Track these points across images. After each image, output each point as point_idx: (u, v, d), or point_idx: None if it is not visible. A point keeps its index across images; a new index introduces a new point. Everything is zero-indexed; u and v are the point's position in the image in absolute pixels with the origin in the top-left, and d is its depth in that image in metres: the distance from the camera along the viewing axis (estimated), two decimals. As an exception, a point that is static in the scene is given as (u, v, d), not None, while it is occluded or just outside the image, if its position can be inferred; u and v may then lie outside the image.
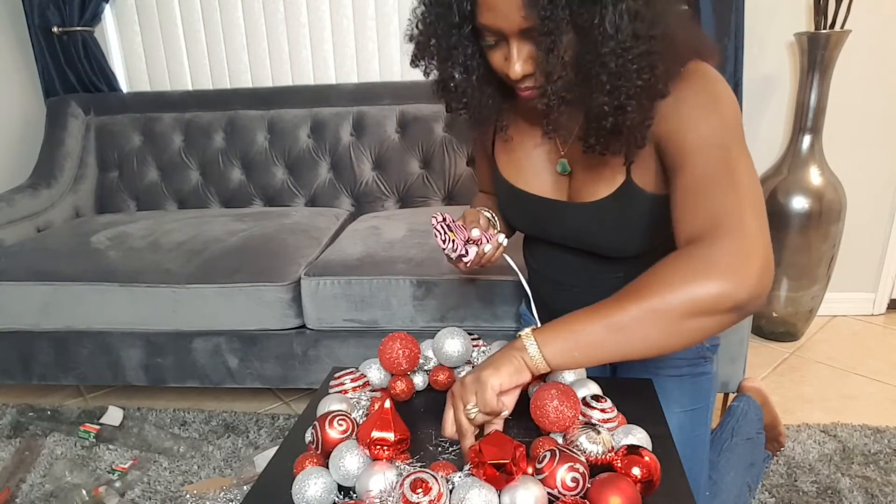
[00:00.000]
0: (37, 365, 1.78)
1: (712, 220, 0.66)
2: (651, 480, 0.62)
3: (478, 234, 0.91)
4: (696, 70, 0.76)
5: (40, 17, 2.21)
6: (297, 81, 2.32)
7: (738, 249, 0.63)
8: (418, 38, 0.83)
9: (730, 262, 0.63)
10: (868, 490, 1.38)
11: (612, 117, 0.73)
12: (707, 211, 0.68)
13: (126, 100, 2.30)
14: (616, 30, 0.68)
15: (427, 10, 0.80)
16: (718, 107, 0.73)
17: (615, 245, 0.89)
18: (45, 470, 1.56)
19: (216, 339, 1.68)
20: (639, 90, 0.71)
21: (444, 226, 0.91)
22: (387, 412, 0.65)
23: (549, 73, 0.72)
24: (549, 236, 0.96)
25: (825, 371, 1.90)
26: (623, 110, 0.72)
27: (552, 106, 0.74)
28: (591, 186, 0.86)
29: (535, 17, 0.68)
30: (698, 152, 0.72)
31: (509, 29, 0.72)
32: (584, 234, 0.90)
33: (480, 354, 0.89)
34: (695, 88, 0.75)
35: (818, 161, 1.92)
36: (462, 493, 0.58)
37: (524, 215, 0.97)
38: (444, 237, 0.90)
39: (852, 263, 2.16)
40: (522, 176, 0.94)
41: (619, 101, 0.71)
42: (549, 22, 0.68)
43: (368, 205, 2.15)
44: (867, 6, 1.87)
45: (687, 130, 0.73)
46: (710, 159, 0.71)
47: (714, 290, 0.62)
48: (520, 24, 0.70)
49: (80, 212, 2.23)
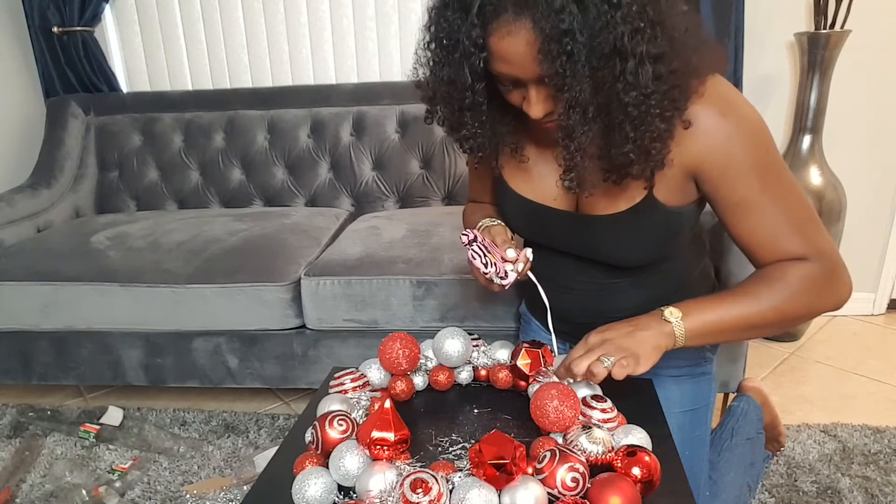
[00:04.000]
0: (37, 365, 1.78)
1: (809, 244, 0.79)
2: (651, 480, 0.62)
3: (513, 254, 0.86)
4: (717, 92, 0.75)
5: (40, 17, 2.21)
6: (297, 81, 2.32)
7: (837, 269, 0.80)
8: (430, 96, 0.80)
9: (838, 281, 0.80)
10: (868, 490, 1.38)
11: (637, 164, 0.72)
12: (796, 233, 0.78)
13: (126, 100, 2.30)
14: (637, 78, 0.66)
15: (439, 68, 0.75)
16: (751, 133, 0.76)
17: (626, 256, 0.88)
18: (45, 470, 1.56)
19: (216, 339, 1.68)
20: (663, 131, 0.70)
21: (481, 246, 0.85)
22: (387, 412, 0.65)
23: (570, 130, 0.70)
24: (554, 245, 0.95)
25: (825, 371, 1.90)
26: (648, 153, 0.71)
27: (576, 163, 0.73)
28: (607, 199, 0.84)
29: (550, 71, 0.66)
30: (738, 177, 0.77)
31: (526, 78, 0.70)
32: (595, 245, 0.89)
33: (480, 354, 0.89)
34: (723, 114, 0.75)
35: (818, 161, 1.92)
36: (462, 493, 0.58)
37: (531, 225, 0.95)
38: (484, 260, 0.84)
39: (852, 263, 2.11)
40: (530, 186, 0.92)
41: (644, 144, 0.70)
42: (569, 78, 0.65)
43: (368, 205, 2.15)
44: (867, 6, 1.87)
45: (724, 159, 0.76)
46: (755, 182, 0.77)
47: (829, 305, 0.80)
48: (537, 74, 0.68)
49: (80, 212, 2.23)
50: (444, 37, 0.71)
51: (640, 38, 0.64)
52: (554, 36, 0.63)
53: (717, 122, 0.74)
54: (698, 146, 0.75)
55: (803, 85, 1.89)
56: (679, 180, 0.79)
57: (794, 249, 0.78)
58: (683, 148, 0.75)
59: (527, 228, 0.96)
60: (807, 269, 0.78)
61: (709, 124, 0.74)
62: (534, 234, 0.96)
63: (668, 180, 0.79)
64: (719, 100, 0.75)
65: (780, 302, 0.77)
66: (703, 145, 0.75)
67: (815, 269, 0.78)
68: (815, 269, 0.78)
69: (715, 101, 0.74)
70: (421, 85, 0.81)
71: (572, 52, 0.63)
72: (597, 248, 0.89)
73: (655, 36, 0.65)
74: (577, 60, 0.64)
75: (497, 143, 0.85)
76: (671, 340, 0.76)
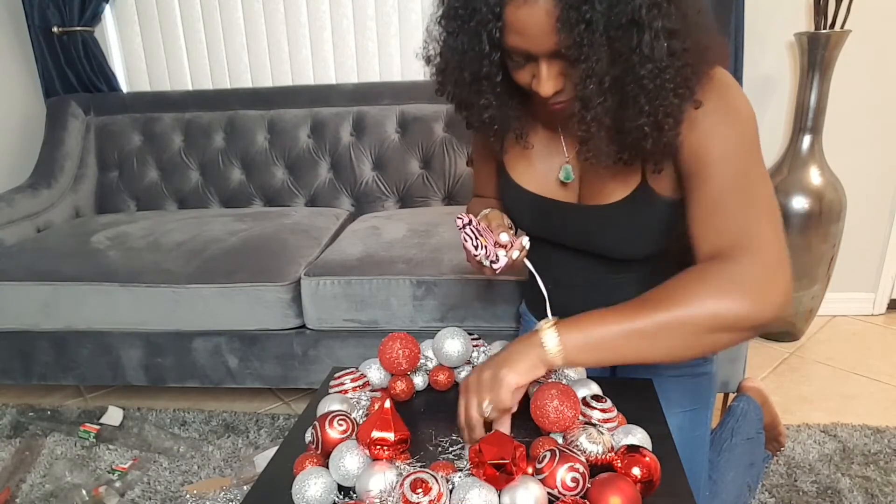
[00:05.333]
0: (37, 365, 1.78)
1: (736, 237, 0.70)
2: (651, 480, 0.62)
3: (507, 238, 0.86)
4: (718, 80, 0.75)
5: (40, 17, 2.21)
6: (297, 81, 2.32)
7: (763, 271, 0.67)
8: (442, 67, 0.80)
9: (756, 283, 0.67)
10: (868, 490, 1.38)
11: (651, 138, 0.72)
12: (729, 227, 0.71)
13: (126, 100, 2.30)
14: (652, 50, 0.66)
15: (453, 38, 0.75)
16: (738, 120, 0.74)
17: (625, 248, 0.89)
18: (45, 470, 1.56)
19: (216, 339, 1.68)
20: (676, 107, 0.71)
21: (475, 230, 0.84)
22: (387, 412, 0.65)
23: (587, 100, 0.70)
24: (555, 238, 0.95)
25: (825, 371, 1.90)
26: (661, 128, 0.71)
27: (592, 133, 0.73)
28: (604, 189, 0.85)
29: (568, 41, 0.66)
30: (718, 165, 0.73)
31: (539, 51, 0.70)
32: (595, 236, 0.89)
33: (480, 354, 0.89)
34: (717, 101, 0.74)
35: (818, 161, 1.92)
36: (462, 493, 0.58)
37: (532, 217, 0.95)
38: (475, 242, 0.84)
39: (852, 263, 2.16)
40: (532, 177, 0.93)
41: (658, 119, 0.71)
42: (587, 48, 0.66)
43: (368, 205, 2.15)
44: (867, 6, 1.87)
45: (709, 143, 0.74)
46: (728, 173, 0.72)
47: (740, 310, 0.66)
48: (551, 47, 0.68)
49: (80, 212, 2.23)
50: (461, 6, 0.72)
51: (657, 12, 0.65)
52: (573, 3, 0.64)
53: (713, 107, 0.75)
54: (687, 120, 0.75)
55: (803, 85, 1.89)
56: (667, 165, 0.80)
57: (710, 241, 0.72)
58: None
59: (529, 221, 0.97)
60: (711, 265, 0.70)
61: (706, 108, 0.75)
62: (536, 226, 0.96)
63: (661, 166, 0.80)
64: (720, 86, 0.76)
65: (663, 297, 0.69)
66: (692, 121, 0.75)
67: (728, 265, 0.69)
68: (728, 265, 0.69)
69: (715, 88, 0.75)
70: (432, 59, 0.81)
71: (591, 21, 0.64)
72: (596, 239, 0.90)
73: (671, 12, 0.66)
74: (594, 30, 0.65)
75: (506, 121, 0.84)
76: (540, 348, 0.70)
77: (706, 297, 0.66)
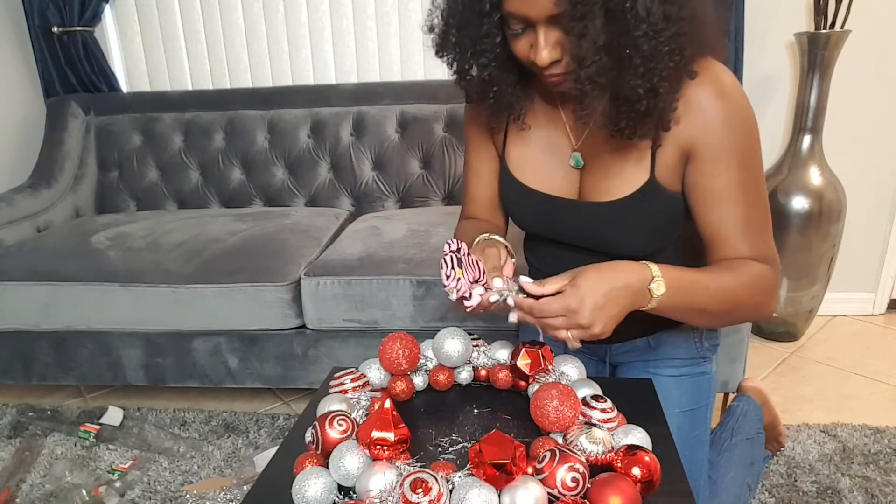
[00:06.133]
0: (37, 365, 1.78)
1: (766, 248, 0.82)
2: (651, 480, 0.62)
3: (500, 284, 0.78)
4: (719, 77, 0.78)
5: (40, 17, 2.21)
6: (297, 81, 2.32)
7: (778, 282, 0.84)
8: (443, 29, 0.82)
9: (773, 304, 0.84)
10: (868, 490, 1.38)
11: (645, 100, 0.74)
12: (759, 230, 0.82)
13: (126, 100, 2.30)
14: (648, 12, 0.68)
15: (453, 2, 0.79)
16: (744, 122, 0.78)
17: (629, 244, 0.88)
18: (45, 470, 1.56)
19: (216, 339, 1.68)
20: (671, 71, 0.72)
21: (455, 257, 0.77)
22: (387, 412, 0.65)
23: (582, 58, 0.72)
24: (557, 236, 0.94)
25: (825, 371, 1.90)
26: (656, 92, 0.73)
27: (587, 91, 0.74)
28: (609, 184, 0.85)
29: (565, 3, 0.68)
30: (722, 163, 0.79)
31: (537, 16, 0.71)
32: (599, 233, 0.89)
33: (480, 354, 0.89)
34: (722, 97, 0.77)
35: (818, 161, 1.92)
36: (462, 493, 0.58)
37: (533, 214, 0.95)
38: (448, 271, 0.76)
39: (852, 263, 2.16)
40: (533, 173, 0.92)
41: (652, 83, 0.72)
42: (582, 6, 0.68)
43: (368, 205, 2.15)
44: (867, 6, 1.87)
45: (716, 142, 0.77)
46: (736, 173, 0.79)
47: (765, 315, 0.85)
48: (549, 11, 0.70)
49: (80, 212, 2.23)
50: None
51: None
52: None
53: (715, 104, 0.77)
54: (695, 124, 0.78)
55: (803, 85, 1.89)
56: (676, 160, 0.81)
57: (751, 250, 0.81)
58: (682, 125, 0.78)
59: (530, 218, 0.96)
60: (764, 269, 0.81)
61: (708, 104, 0.77)
62: (538, 225, 0.96)
63: (668, 160, 0.81)
64: (721, 84, 0.77)
65: (737, 286, 0.80)
66: (699, 123, 0.78)
67: (769, 272, 0.82)
68: (769, 271, 0.82)
69: (717, 85, 0.77)
70: (436, 25, 0.83)
71: None
72: (600, 236, 0.89)
73: None
74: None
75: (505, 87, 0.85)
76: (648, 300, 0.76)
77: (759, 295, 0.81)
